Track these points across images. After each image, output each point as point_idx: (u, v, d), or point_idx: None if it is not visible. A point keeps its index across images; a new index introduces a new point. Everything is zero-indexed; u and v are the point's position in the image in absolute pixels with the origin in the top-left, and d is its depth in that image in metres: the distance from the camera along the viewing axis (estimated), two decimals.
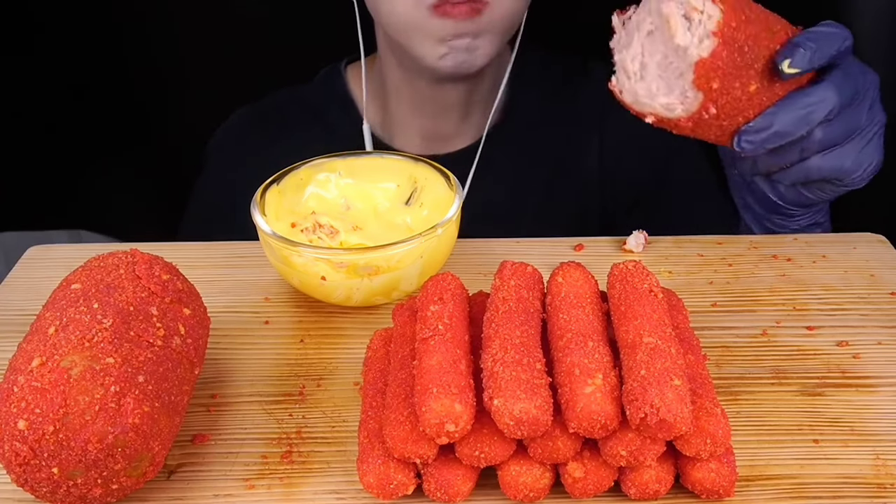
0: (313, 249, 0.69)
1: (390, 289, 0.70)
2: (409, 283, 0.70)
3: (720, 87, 0.65)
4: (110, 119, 1.35)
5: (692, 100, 0.66)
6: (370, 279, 0.68)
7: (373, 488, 0.52)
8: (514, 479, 0.52)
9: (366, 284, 0.69)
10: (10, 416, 0.48)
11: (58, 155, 1.35)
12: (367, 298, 0.70)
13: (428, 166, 0.78)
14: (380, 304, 0.71)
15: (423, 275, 0.70)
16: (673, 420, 0.48)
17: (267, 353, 0.67)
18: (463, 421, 0.50)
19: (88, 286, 0.55)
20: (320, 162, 0.79)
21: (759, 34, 0.66)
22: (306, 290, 0.71)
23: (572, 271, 0.59)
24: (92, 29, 1.31)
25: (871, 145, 0.72)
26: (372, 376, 0.58)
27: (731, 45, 0.64)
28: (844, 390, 0.62)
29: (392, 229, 0.76)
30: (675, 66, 0.66)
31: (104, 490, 0.50)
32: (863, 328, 0.69)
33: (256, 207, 0.72)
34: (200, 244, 0.81)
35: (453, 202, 0.72)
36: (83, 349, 0.50)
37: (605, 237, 0.80)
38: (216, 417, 0.61)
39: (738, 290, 0.73)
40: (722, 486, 0.52)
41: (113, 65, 1.33)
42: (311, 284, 0.69)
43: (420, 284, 0.69)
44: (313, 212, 0.76)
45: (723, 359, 0.66)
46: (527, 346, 0.53)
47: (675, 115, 0.67)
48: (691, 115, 0.67)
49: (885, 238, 0.80)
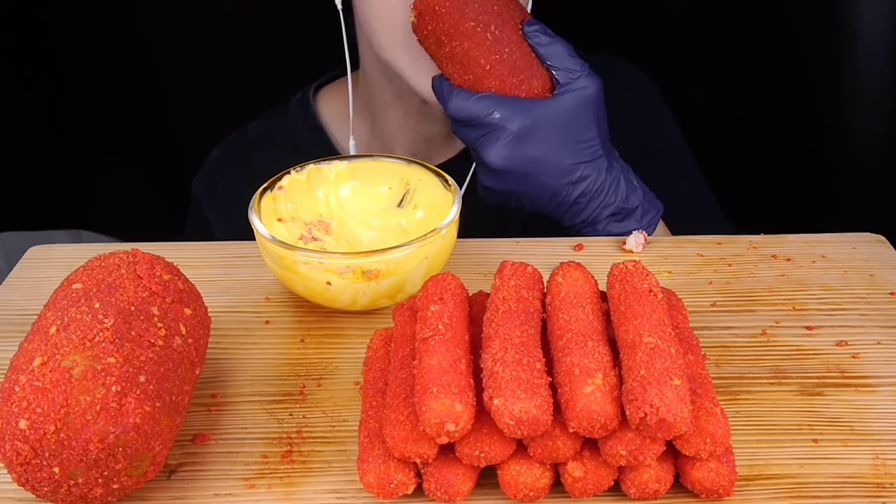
0: (319, 255, 0.69)
1: (395, 291, 0.70)
2: (413, 284, 0.70)
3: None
4: (112, 119, 1.35)
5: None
6: (376, 282, 0.68)
7: (373, 488, 0.52)
8: (514, 478, 0.52)
9: (371, 288, 0.68)
10: (11, 416, 0.48)
11: (59, 155, 1.35)
12: (373, 302, 0.70)
13: (421, 168, 0.77)
14: (384, 307, 0.71)
15: (428, 276, 0.70)
16: (672, 420, 0.48)
17: (267, 353, 0.67)
18: (463, 420, 0.50)
19: (90, 286, 0.55)
20: (313, 167, 0.78)
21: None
22: (310, 296, 0.70)
23: (572, 271, 0.59)
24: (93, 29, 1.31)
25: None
26: (372, 376, 0.58)
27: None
28: (844, 390, 0.62)
29: (387, 232, 0.76)
30: None
31: (105, 489, 0.51)
32: (862, 328, 0.69)
33: (255, 212, 0.72)
34: (201, 244, 0.81)
35: (450, 202, 0.72)
36: (84, 349, 0.50)
37: (605, 237, 0.80)
38: (217, 417, 0.61)
39: (737, 290, 0.73)
40: (721, 486, 0.52)
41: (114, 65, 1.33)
42: (315, 290, 0.69)
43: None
44: (313, 222, 0.76)
45: (722, 359, 0.66)
46: (527, 345, 0.53)
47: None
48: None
49: (885, 238, 0.80)
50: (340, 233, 0.76)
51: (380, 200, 0.78)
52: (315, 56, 1.14)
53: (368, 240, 0.76)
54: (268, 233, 0.70)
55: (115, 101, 1.34)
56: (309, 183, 0.77)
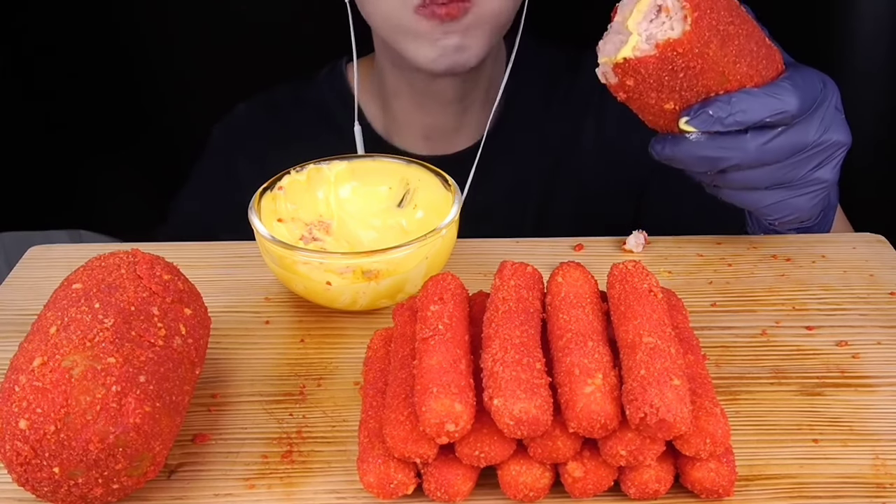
0: (319, 255, 0.69)
1: (395, 291, 0.70)
2: (413, 285, 0.70)
3: (634, 86, 0.66)
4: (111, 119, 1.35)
5: (611, 75, 0.67)
6: (376, 283, 0.68)
7: (373, 488, 0.52)
8: (514, 478, 0.52)
9: (371, 288, 0.68)
10: (11, 416, 0.48)
11: (59, 155, 1.35)
12: (373, 302, 0.70)
13: (421, 168, 0.77)
14: (384, 306, 0.71)
15: (428, 276, 0.70)
16: (672, 420, 0.48)
17: (267, 353, 0.67)
18: (463, 421, 0.50)
19: (90, 286, 0.55)
20: (313, 167, 0.78)
21: (707, 71, 0.65)
22: (310, 296, 0.70)
23: (572, 271, 0.59)
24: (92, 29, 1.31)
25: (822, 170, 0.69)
26: (372, 376, 0.58)
27: (664, 63, 0.64)
28: (844, 390, 0.62)
29: (387, 232, 0.76)
30: (621, 38, 0.66)
31: (105, 490, 0.51)
32: (862, 328, 0.69)
33: (254, 212, 0.72)
34: (201, 244, 0.81)
35: (450, 202, 0.72)
36: (84, 349, 0.50)
37: (605, 237, 0.80)
38: (217, 417, 0.61)
39: (737, 290, 0.73)
40: (721, 486, 0.52)
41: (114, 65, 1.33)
42: (315, 290, 0.69)
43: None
44: (313, 222, 0.76)
45: (722, 359, 0.66)
46: (527, 345, 0.53)
47: (604, 79, 0.68)
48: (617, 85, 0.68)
49: (885, 238, 0.80)
50: (341, 233, 0.76)
51: (380, 200, 0.78)
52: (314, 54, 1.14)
53: (368, 240, 0.76)
54: (268, 233, 0.70)
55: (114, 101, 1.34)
56: (309, 183, 0.77)
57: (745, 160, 0.67)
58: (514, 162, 1.07)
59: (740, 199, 0.72)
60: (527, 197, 1.07)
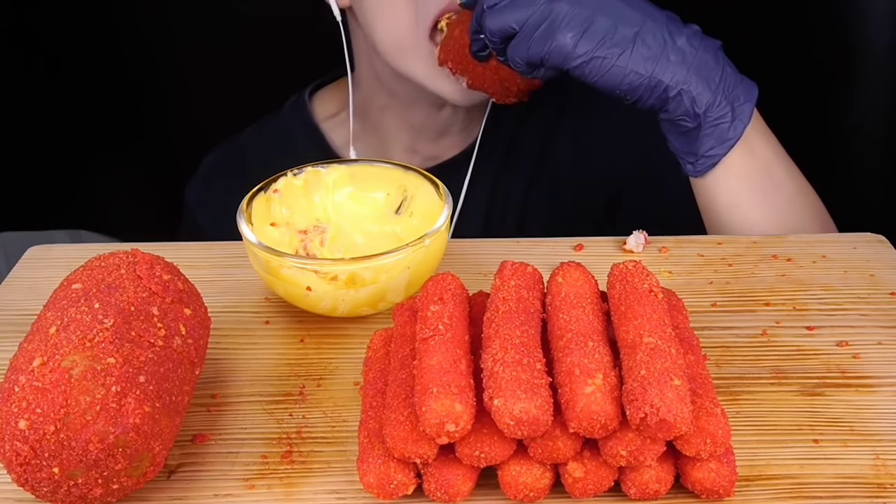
0: (298, 260, 0.68)
1: (377, 300, 0.69)
2: (395, 294, 0.69)
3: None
4: (111, 119, 1.35)
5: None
6: (356, 290, 0.67)
7: (373, 488, 0.52)
8: (514, 479, 0.52)
9: (351, 295, 0.67)
10: (10, 416, 0.48)
11: (58, 155, 1.35)
12: (353, 309, 0.69)
13: (418, 175, 0.76)
14: (366, 314, 0.70)
15: (411, 286, 0.69)
16: (673, 420, 0.48)
17: (267, 353, 0.67)
18: (463, 421, 0.50)
19: (89, 286, 0.55)
20: (311, 170, 0.77)
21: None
22: (292, 300, 0.69)
23: (572, 271, 0.59)
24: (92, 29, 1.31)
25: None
26: (372, 376, 0.58)
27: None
28: (844, 390, 0.62)
29: (381, 239, 0.76)
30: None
31: (105, 490, 0.51)
32: (862, 328, 0.69)
33: (242, 217, 0.71)
34: (201, 244, 0.81)
35: (443, 212, 0.71)
36: (84, 349, 0.50)
37: (605, 237, 0.80)
38: (216, 417, 0.61)
39: (737, 290, 0.73)
40: (722, 486, 0.52)
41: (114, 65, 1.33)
42: (296, 295, 0.68)
43: (407, 296, 0.69)
44: (309, 227, 0.76)
45: (723, 359, 0.66)
46: (527, 346, 0.53)
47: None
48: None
49: (885, 238, 0.80)
50: (337, 238, 0.76)
51: (377, 207, 0.78)
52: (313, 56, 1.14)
53: (363, 246, 0.75)
54: (252, 236, 0.69)
55: (114, 101, 1.34)
56: (306, 187, 0.77)
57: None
58: (503, 168, 1.06)
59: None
60: (520, 200, 1.07)
